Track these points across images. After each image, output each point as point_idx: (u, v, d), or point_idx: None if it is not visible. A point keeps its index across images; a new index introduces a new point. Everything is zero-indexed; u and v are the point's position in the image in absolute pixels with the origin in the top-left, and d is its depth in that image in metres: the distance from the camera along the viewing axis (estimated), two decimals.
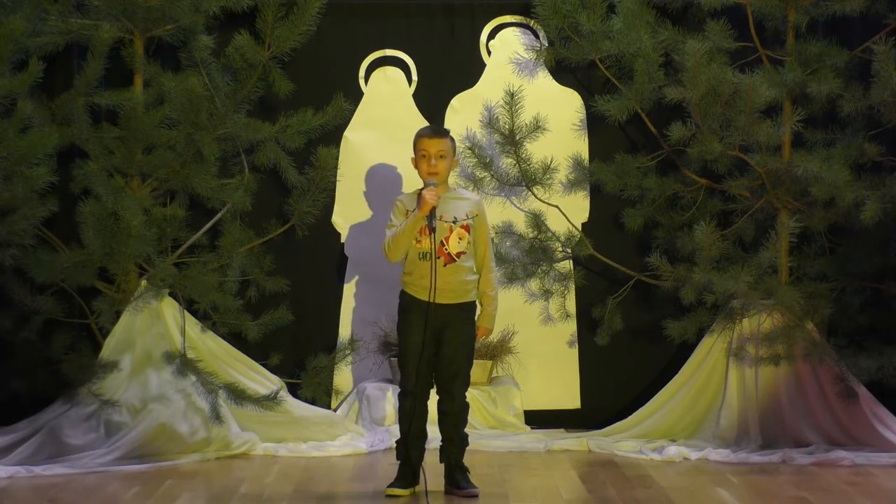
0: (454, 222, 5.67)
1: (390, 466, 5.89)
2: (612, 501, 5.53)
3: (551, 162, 7.21)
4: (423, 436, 5.71)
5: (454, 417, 5.68)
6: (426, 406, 5.69)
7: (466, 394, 5.70)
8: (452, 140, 5.75)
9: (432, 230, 5.54)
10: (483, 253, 5.73)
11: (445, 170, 5.68)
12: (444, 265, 5.62)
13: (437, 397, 5.70)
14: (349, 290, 7.33)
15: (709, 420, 6.81)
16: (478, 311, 5.76)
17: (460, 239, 5.67)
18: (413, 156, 5.72)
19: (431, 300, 5.54)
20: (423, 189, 5.60)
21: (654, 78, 6.92)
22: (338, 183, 7.20)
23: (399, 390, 5.72)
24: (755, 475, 6.10)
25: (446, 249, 5.64)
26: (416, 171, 5.73)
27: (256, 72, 6.87)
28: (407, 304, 5.69)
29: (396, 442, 5.72)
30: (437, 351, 5.64)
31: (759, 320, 6.76)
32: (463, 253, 5.67)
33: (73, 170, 6.62)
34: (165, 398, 6.46)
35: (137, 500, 5.56)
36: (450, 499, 5.59)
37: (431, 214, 5.53)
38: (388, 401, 6.98)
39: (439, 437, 5.73)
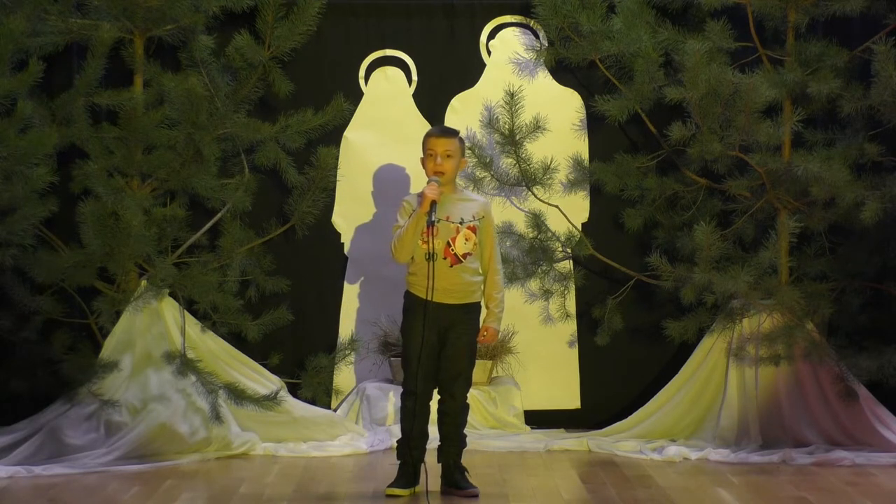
0: (461, 223, 5.66)
1: (390, 466, 5.89)
2: (612, 501, 5.53)
3: (551, 162, 7.21)
4: (425, 436, 5.70)
5: (454, 418, 5.67)
6: (428, 406, 5.68)
7: (467, 394, 5.70)
8: (461, 140, 5.74)
9: (431, 224, 5.52)
10: (489, 255, 5.72)
11: (452, 169, 5.67)
12: (451, 266, 5.62)
13: (438, 397, 5.69)
14: (349, 289, 7.33)
15: (709, 420, 6.81)
16: (483, 313, 5.76)
17: (466, 240, 5.66)
18: (422, 156, 5.73)
19: (430, 298, 5.53)
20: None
21: (654, 78, 6.92)
22: (338, 183, 7.20)
23: (402, 390, 5.72)
24: (755, 475, 6.10)
25: (452, 250, 5.64)
26: (421, 172, 5.74)
27: (256, 72, 6.88)
28: (411, 304, 5.68)
29: (398, 441, 5.72)
30: (440, 351, 5.65)
31: (759, 320, 6.76)
32: (469, 254, 5.66)
33: (73, 170, 6.62)
34: (165, 398, 6.46)
35: (137, 500, 5.56)
36: (450, 499, 5.59)
37: (432, 209, 5.53)
38: (389, 401, 6.98)
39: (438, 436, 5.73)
